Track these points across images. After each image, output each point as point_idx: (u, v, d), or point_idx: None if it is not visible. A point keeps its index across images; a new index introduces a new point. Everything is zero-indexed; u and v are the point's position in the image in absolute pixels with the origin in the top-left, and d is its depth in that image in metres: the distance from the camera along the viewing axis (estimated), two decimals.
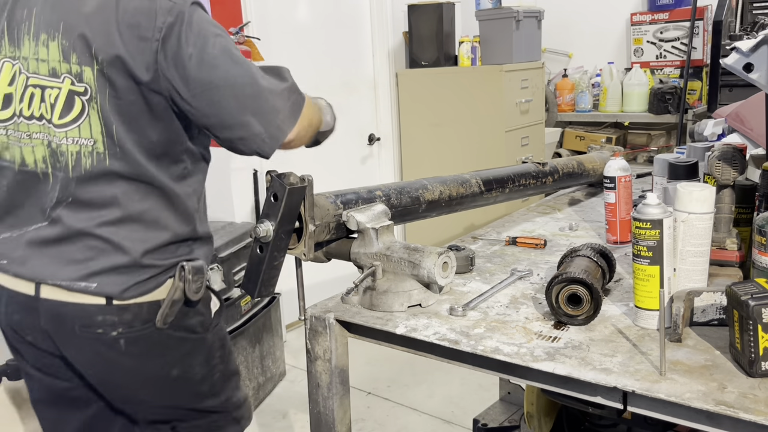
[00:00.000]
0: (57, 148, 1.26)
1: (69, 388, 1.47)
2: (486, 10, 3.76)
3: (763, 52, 1.23)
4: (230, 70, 1.23)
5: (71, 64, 1.22)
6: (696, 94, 4.04)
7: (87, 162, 1.25)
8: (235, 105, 1.24)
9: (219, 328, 1.52)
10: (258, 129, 1.26)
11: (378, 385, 3.03)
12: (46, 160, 1.27)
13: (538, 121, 4.02)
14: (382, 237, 1.33)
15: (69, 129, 1.25)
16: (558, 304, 1.17)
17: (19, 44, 1.27)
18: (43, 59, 1.24)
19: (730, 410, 0.89)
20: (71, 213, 1.27)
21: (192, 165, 1.36)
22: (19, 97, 1.27)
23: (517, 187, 1.79)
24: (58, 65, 1.23)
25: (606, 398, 1.02)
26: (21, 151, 1.29)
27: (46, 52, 1.23)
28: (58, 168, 1.27)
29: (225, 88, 1.22)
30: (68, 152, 1.25)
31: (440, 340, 1.15)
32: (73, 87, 1.23)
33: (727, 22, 3.61)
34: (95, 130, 1.23)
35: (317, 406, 1.33)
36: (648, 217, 1.11)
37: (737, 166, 1.32)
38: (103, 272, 1.27)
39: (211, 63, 1.21)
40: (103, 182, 1.26)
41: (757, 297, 0.96)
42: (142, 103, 1.24)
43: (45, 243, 1.29)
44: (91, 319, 1.29)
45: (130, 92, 1.22)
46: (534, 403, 1.92)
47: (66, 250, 1.27)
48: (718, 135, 2.17)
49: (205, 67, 1.21)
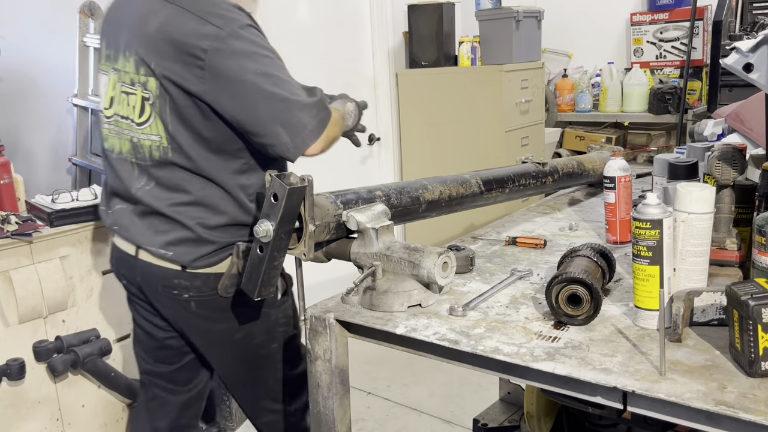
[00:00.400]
0: (138, 143, 1.53)
1: (165, 337, 1.76)
2: (486, 10, 3.76)
3: (763, 52, 1.23)
4: (265, 87, 1.41)
5: (140, 75, 1.48)
6: (696, 94, 4.04)
7: (156, 154, 1.51)
8: (268, 118, 1.42)
9: (285, 308, 1.70)
10: (285, 139, 1.44)
11: (378, 385, 3.03)
12: (130, 151, 1.56)
13: (538, 121, 4.02)
14: (382, 237, 1.33)
15: (143, 128, 1.51)
16: (558, 304, 1.17)
17: (116, 58, 1.56)
18: (127, 71, 1.52)
19: (730, 410, 0.89)
20: (151, 194, 1.54)
21: (255, 160, 1.54)
22: (118, 101, 1.56)
23: (517, 187, 1.79)
24: (134, 76, 1.50)
25: (606, 398, 1.02)
26: (118, 143, 1.59)
27: (127, 65, 1.51)
28: (139, 158, 1.54)
29: (260, 103, 1.41)
30: (144, 146, 1.52)
31: (440, 340, 1.15)
32: (143, 94, 1.49)
33: (727, 22, 3.61)
34: (160, 129, 1.48)
35: (317, 406, 1.33)
36: (648, 217, 1.11)
37: (737, 166, 1.32)
38: (175, 243, 1.53)
39: (249, 81, 1.40)
40: (170, 171, 1.51)
41: (757, 297, 0.96)
42: (194, 108, 1.45)
43: (140, 215, 1.57)
44: (169, 281, 1.56)
45: (182, 99, 1.44)
46: (534, 403, 1.92)
47: (153, 222, 1.55)
48: (718, 135, 2.18)
49: (242, 85, 1.40)
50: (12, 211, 2.19)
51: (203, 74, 1.40)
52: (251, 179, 1.55)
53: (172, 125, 1.46)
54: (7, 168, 2.29)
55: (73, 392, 2.23)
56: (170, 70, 1.42)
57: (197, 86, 1.41)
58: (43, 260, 2.12)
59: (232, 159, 1.51)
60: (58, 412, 2.20)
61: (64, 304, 2.18)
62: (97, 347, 2.20)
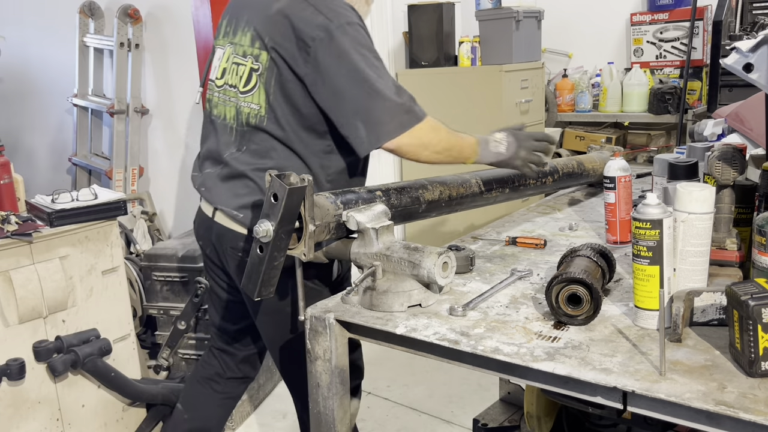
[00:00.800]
0: (240, 109, 1.66)
1: (230, 299, 1.89)
2: (486, 11, 3.75)
3: (763, 52, 1.23)
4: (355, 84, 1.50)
5: (254, 49, 1.62)
6: (696, 94, 4.04)
7: (254, 121, 1.63)
8: (351, 112, 1.52)
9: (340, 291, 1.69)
10: (362, 134, 1.52)
11: (378, 385, 3.03)
12: (233, 117, 1.68)
13: (538, 121, 4.02)
14: (382, 237, 1.33)
15: (247, 96, 1.64)
16: (558, 304, 1.17)
17: (235, 34, 1.70)
18: (241, 44, 1.66)
19: (730, 410, 0.89)
20: (239, 158, 1.65)
21: (337, 145, 1.62)
22: (230, 71, 1.70)
23: (517, 187, 1.79)
24: (248, 49, 1.64)
25: (606, 398, 1.02)
26: (224, 109, 1.71)
27: (243, 39, 1.65)
28: (239, 124, 1.66)
29: (347, 97, 1.51)
30: (243, 112, 1.65)
31: (440, 340, 1.15)
32: (252, 65, 1.62)
33: (727, 22, 3.61)
34: (261, 98, 1.61)
35: (317, 406, 1.33)
36: (648, 217, 1.11)
37: (737, 166, 1.32)
38: (248, 207, 1.62)
39: (342, 76, 1.50)
40: (261, 139, 1.62)
41: (757, 297, 0.96)
42: (297, 84, 1.56)
43: (224, 178, 1.68)
44: (236, 243, 1.67)
45: (287, 74, 1.56)
46: (534, 403, 1.92)
47: (234, 185, 1.65)
48: (718, 135, 2.18)
49: (336, 78, 1.51)
50: (12, 211, 2.19)
51: (308, 59, 1.52)
52: (332, 161, 1.64)
53: (273, 96, 1.59)
54: (7, 168, 2.29)
55: (73, 392, 2.23)
56: (282, 47, 1.55)
57: (301, 68, 1.54)
58: (43, 260, 2.12)
59: (319, 138, 1.61)
60: (58, 412, 2.20)
61: (64, 304, 2.18)
62: (97, 347, 2.20)
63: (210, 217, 1.73)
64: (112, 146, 3.85)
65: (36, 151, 4.71)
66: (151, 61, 3.79)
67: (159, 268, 2.79)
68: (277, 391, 3.03)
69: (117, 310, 2.37)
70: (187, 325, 2.71)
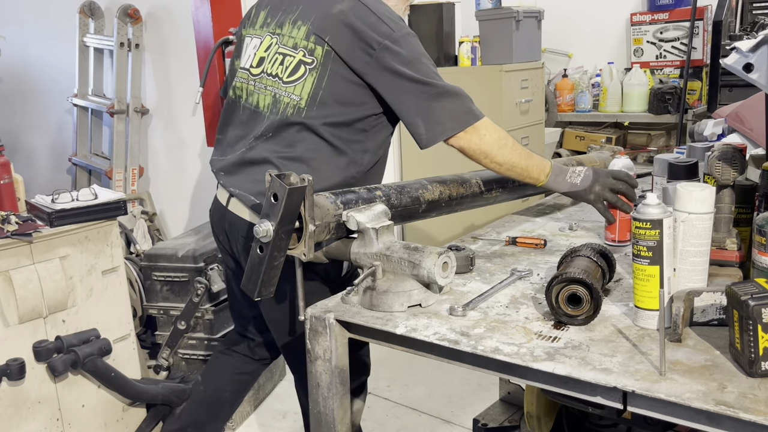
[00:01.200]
0: (279, 98, 1.70)
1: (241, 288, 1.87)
2: (486, 10, 3.75)
3: (763, 52, 1.23)
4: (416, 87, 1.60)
5: (309, 42, 1.66)
6: (696, 94, 4.04)
7: (291, 112, 1.66)
8: (413, 111, 1.61)
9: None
10: (421, 130, 1.61)
11: (378, 385, 3.03)
12: (268, 106, 1.72)
13: (538, 121, 4.02)
14: (382, 237, 1.33)
15: (289, 86, 1.68)
16: (558, 304, 1.17)
17: (281, 25, 1.74)
18: (292, 36, 1.70)
19: (730, 410, 0.89)
20: (264, 145, 1.69)
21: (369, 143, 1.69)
22: (269, 60, 1.74)
23: (517, 187, 1.79)
24: (300, 41, 1.68)
25: (606, 398, 1.02)
26: (258, 97, 1.75)
27: (297, 32, 1.69)
28: (274, 112, 1.70)
29: (410, 99, 1.60)
30: (284, 102, 1.68)
31: (440, 340, 1.15)
32: (303, 58, 1.67)
33: (727, 22, 3.61)
34: (306, 91, 1.65)
35: (317, 406, 1.33)
36: (648, 217, 1.11)
37: (737, 166, 1.32)
38: None
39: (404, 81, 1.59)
40: (295, 129, 1.65)
41: (757, 297, 0.96)
42: (348, 83, 1.63)
43: (245, 164, 1.71)
44: (248, 232, 1.68)
45: (343, 71, 1.62)
46: (534, 403, 1.92)
47: (254, 171, 1.68)
48: (718, 135, 2.18)
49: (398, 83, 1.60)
50: (12, 211, 2.19)
51: (369, 61, 1.60)
52: (364, 159, 1.69)
53: (322, 90, 1.64)
54: (7, 168, 2.29)
55: (73, 392, 2.23)
56: (340, 46, 1.62)
57: (362, 67, 1.61)
58: (43, 260, 2.12)
59: (353, 134, 1.66)
60: (58, 412, 2.20)
61: (64, 304, 2.18)
62: (97, 347, 2.20)
63: (224, 205, 1.76)
64: (112, 146, 3.85)
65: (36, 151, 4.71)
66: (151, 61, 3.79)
67: (159, 268, 2.79)
68: (277, 391, 3.03)
69: (117, 310, 2.37)
70: (187, 325, 2.71)
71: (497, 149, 1.62)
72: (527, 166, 1.65)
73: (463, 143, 1.61)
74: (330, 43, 1.63)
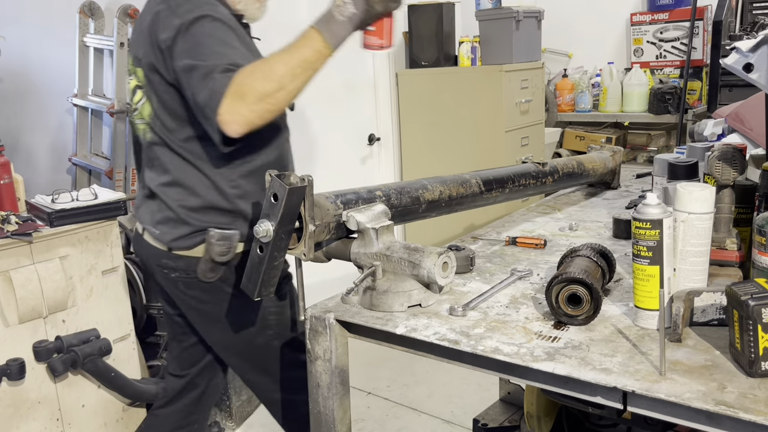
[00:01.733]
0: (137, 126, 1.70)
1: (173, 313, 1.86)
2: (486, 10, 3.75)
3: (763, 52, 1.23)
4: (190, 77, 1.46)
5: (135, 67, 1.66)
6: (696, 94, 4.04)
7: (147, 136, 1.65)
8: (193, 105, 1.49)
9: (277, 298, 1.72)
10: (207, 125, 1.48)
11: (378, 385, 3.03)
12: (141, 136, 1.70)
13: (538, 121, 4.02)
14: (382, 237, 1.33)
15: (137, 113, 1.68)
16: (558, 304, 1.17)
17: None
18: (129, 65, 1.71)
19: (730, 410, 0.89)
20: (149, 177, 1.69)
21: (234, 149, 1.54)
22: (128, 92, 1.73)
23: (517, 187, 1.78)
24: (131, 68, 1.69)
25: (606, 398, 1.02)
26: (138, 130, 1.73)
27: (130, 59, 1.71)
28: (141, 141, 1.69)
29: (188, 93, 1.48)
30: (140, 129, 1.68)
31: (440, 340, 1.15)
32: (136, 82, 1.67)
33: (727, 22, 3.61)
34: (147, 112, 1.63)
35: (317, 406, 1.33)
36: (648, 217, 1.11)
37: (737, 166, 1.32)
38: (162, 222, 1.64)
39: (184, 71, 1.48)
40: (157, 152, 1.63)
41: (757, 297, 0.96)
42: (173, 92, 1.56)
43: (147, 198, 1.72)
44: (160, 260, 1.67)
45: (162, 84, 1.57)
46: (534, 403, 1.92)
47: (151, 204, 1.69)
48: (718, 135, 2.17)
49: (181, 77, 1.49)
50: (12, 211, 2.19)
51: (166, 62, 1.53)
52: (234, 165, 1.59)
53: (156, 108, 1.60)
54: (7, 168, 2.29)
55: (73, 392, 2.23)
56: (150, 59, 1.57)
57: (169, 75, 1.54)
58: (43, 260, 2.12)
59: (209, 145, 1.54)
60: (58, 412, 2.20)
61: (64, 304, 2.18)
62: (97, 347, 2.20)
63: (140, 234, 1.75)
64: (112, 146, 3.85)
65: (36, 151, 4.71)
66: None
67: None
68: None
69: (117, 310, 2.37)
70: None
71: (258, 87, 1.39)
72: (295, 63, 1.46)
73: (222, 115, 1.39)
74: (143, 60, 1.59)
